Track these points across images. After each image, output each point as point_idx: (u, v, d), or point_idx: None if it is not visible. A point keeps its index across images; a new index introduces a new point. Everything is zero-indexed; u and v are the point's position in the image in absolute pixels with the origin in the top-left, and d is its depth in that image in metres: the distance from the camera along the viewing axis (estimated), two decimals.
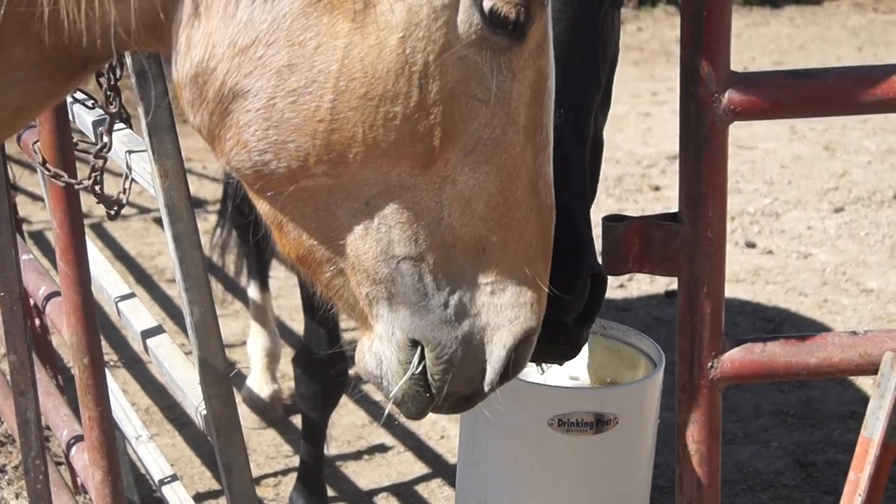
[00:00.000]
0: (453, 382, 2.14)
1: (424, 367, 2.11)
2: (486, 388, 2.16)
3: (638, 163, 9.91)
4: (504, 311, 2.10)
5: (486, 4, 1.89)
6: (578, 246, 2.50)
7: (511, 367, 2.15)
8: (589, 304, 2.55)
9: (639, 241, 2.21)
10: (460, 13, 1.90)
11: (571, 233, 2.42)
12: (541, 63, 2.02)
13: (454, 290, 2.07)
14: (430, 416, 6.30)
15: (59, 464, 5.14)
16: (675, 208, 2.22)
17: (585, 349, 2.88)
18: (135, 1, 1.91)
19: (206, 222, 8.53)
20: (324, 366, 4.66)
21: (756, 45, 14.11)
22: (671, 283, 7.45)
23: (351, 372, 4.85)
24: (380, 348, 2.14)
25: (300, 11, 1.87)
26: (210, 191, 9.17)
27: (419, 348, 2.11)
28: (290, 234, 2.08)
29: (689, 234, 2.18)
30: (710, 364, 2.24)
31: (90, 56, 2.01)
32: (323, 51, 1.88)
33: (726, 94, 2.11)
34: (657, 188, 9.37)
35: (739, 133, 10.06)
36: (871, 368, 2.22)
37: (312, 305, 4.59)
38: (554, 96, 2.09)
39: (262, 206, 2.09)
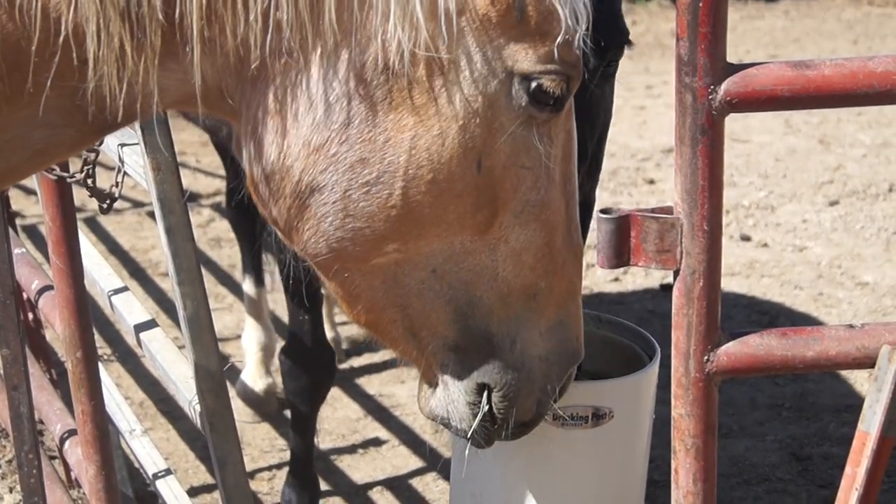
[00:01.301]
0: (516, 414, 2.41)
1: (490, 405, 2.38)
2: (544, 414, 2.50)
3: (633, 156, 9.90)
4: (556, 347, 2.38)
5: (533, 85, 2.11)
6: None
7: (560, 393, 2.48)
8: None
9: (634, 234, 2.20)
10: (510, 97, 2.11)
11: None
12: (569, 125, 2.27)
13: (513, 335, 2.32)
14: None
15: (52, 458, 5.12)
16: (669, 201, 2.21)
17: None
18: (198, 79, 2.01)
19: (200, 216, 8.52)
20: (312, 358, 4.65)
21: (751, 38, 14.09)
22: (666, 277, 7.44)
23: (343, 366, 4.84)
24: (447, 394, 2.40)
25: (369, 111, 2.04)
26: (203, 184, 9.15)
27: (486, 391, 2.37)
28: (360, 305, 2.30)
29: (685, 227, 2.16)
30: (706, 357, 2.22)
31: (127, 118, 2.08)
32: (392, 144, 2.07)
33: (722, 86, 2.10)
34: (652, 181, 9.36)
35: (734, 126, 10.05)
36: (869, 362, 2.21)
37: (296, 295, 4.56)
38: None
39: (335, 283, 2.28)
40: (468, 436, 2.43)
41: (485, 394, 2.37)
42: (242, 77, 2.06)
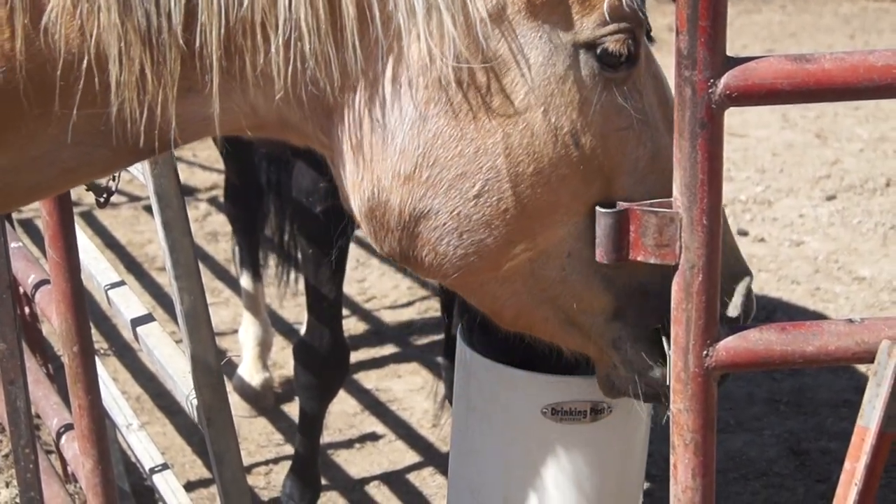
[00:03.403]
0: None
1: None
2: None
3: None
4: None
5: (599, 51, 2.08)
6: None
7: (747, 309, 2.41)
8: None
9: (633, 228, 2.19)
10: (581, 69, 2.09)
11: None
12: (653, 70, 2.25)
13: (665, 271, 2.21)
14: (421, 404, 6.29)
15: (49, 452, 5.11)
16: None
17: None
18: (216, 114, 2.01)
19: (197, 210, 8.51)
20: (323, 356, 4.64)
21: (747, 32, 14.09)
22: None
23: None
24: (632, 364, 2.33)
25: (448, 127, 2.03)
26: (200, 178, 9.14)
27: (664, 334, 2.28)
28: (510, 312, 2.27)
29: (684, 222, 2.16)
30: (705, 352, 2.22)
31: (149, 145, 2.06)
32: (483, 152, 2.05)
33: (722, 80, 2.09)
34: None
35: (731, 121, 10.04)
36: (868, 357, 2.20)
37: (317, 303, 4.58)
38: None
39: (476, 298, 2.27)
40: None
41: (664, 338, 2.31)
42: (312, 111, 2.06)
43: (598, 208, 2.22)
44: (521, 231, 2.13)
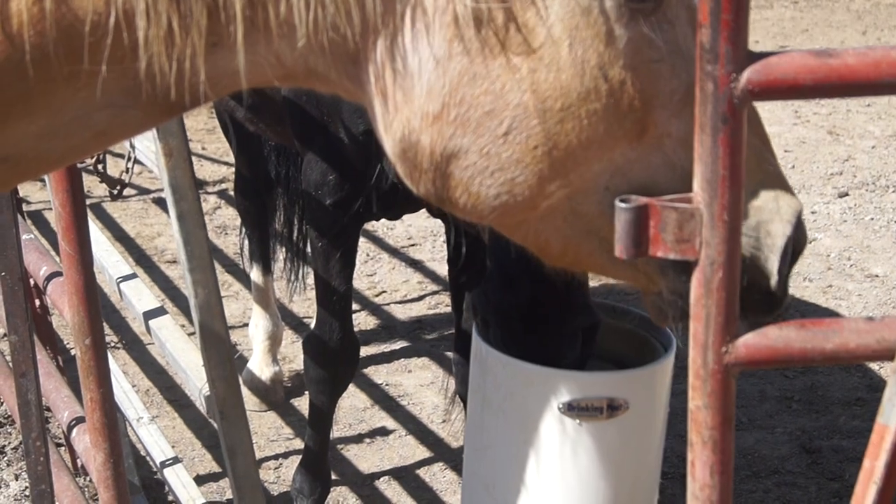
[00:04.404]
0: (781, 260, 2.26)
1: None
2: (777, 276, 2.31)
3: None
4: (768, 205, 2.26)
5: None
6: (566, 306, 2.72)
7: (795, 248, 2.31)
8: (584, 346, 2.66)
9: (653, 223, 2.17)
10: (605, 0, 2.03)
11: (559, 293, 2.50)
12: (688, 1, 2.17)
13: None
14: (432, 399, 6.28)
15: (59, 445, 5.11)
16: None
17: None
18: (242, 66, 2.00)
19: (206, 203, 8.49)
20: (333, 351, 4.63)
21: (759, 28, 14.06)
22: None
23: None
24: (677, 290, 2.26)
25: (472, 65, 2.00)
26: (209, 172, 9.13)
27: None
28: (555, 249, 2.22)
29: (704, 217, 2.14)
30: (724, 349, 2.20)
31: (181, 99, 2.06)
32: (510, 88, 2.01)
33: (745, 74, 2.07)
34: None
35: None
36: (888, 355, 2.18)
37: (327, 297, 4.56)
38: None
39: (519, 237, 2.23)
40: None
41: None
42: (336, 58, 2.04)
43: (616, 203, 2.20)
44: (553, 168, 2.09)
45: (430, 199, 2.19)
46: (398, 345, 6.69)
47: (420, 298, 7.22)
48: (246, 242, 6.29)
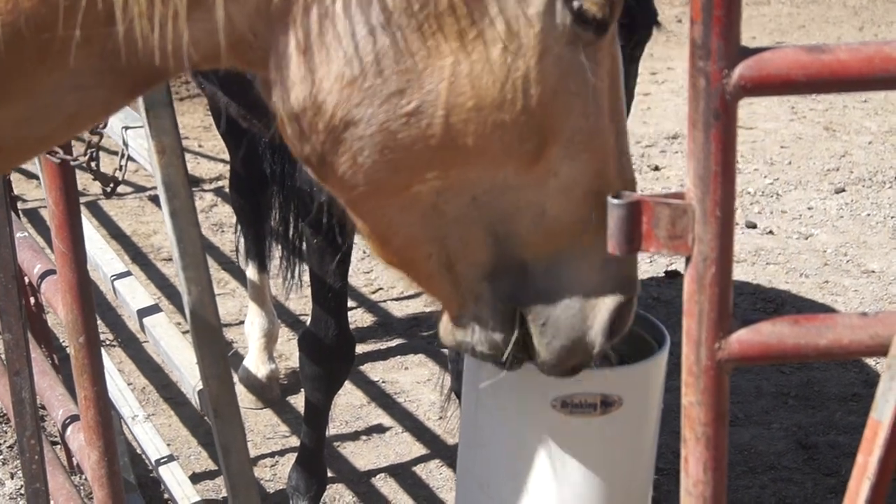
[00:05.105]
0: (560, 352, 2.32)
1: (527, 332, 2.30)
2: (595, 350, 2.35)
3: (637, 142, 9.86)
4: (604, 278, 2.27)
5: (576, 5, 2.01)
6: None
7: (616, 328, 2.34)
8: None
9: (646, 219, 2.16)
10: (553, 16, 2.02)
11: None
12: (614, 51, 2.17)
13: (556, 267, 2.23)
14: (428, 396, 6.28)
15: (54, 444, 5.11)
16: (674, 188, 2.18)
17: None
18: (221, 23, 1.97)
19: (202, 201, 8.49)
20: (329, 348, 4.62)
21: (756, 24, 14.05)
22: (671, 264, 7.41)
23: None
24: (479, 323, 2.30)
25: (404, 40, 1.97)
26: (206, 169, 9.12)
27: (521, 319, 2.29)
28: (397, 242, 2.22)
29: (697, 213, 2.13)
30: (717, 345, 2.19)
31: (158, 74, 2.05)
32: (430, 72, 1.99)
33: (737, 70, 2.07)
34: (657, 168, 9.33)
35: (739, 113, 9.91)
36: (882, 350, 2.17)
37: (322, 294, 4.56)
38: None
39: (369, 221, 2.21)
40: (504, 365, 2.36)
41: (517, 320, 2.30)
42: (270, 18, 2.00)
43: (609, 199, 2.20)
44: (439, 160, 2.07)
45: (307, 162, 2.15)
46: (394, 342, 6.69)
47: (416, 295, 7.22)
48: (242, 240, 6.29)
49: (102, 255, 3.97)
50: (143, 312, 3.60)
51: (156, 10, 1.92)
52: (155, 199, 8.19)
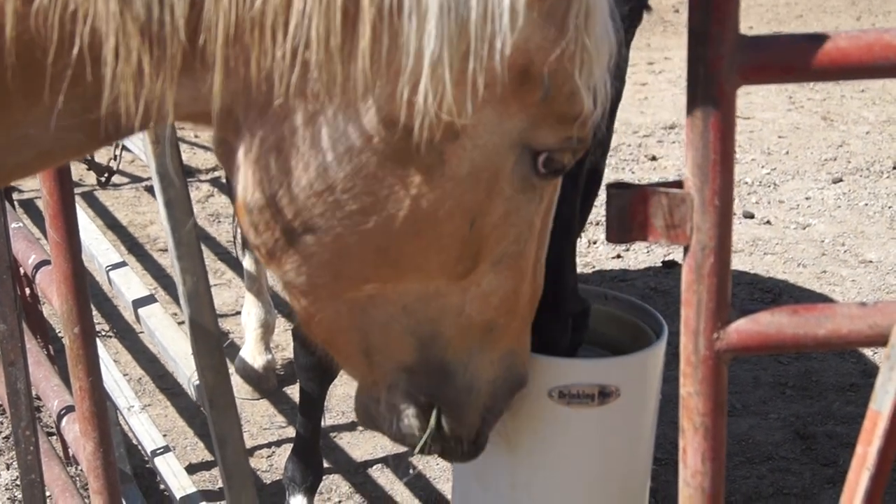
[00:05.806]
0: (463, 430, 2.54)
1: (439, 422, 2.50)
2: (489, 432, 2.59)
3: (634, 132, 9.85)
4: (505, 373, 2.48)
5: (543, 157, 2.11)
6: (557, 292, 2.78)
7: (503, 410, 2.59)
8: (575, 332, 2.85)
9: (644, 209, 2.15)
10: (516, 166, 2.11)
11: (551, 277, 2.62)
12: (556, 181, 2.27)
13: (466, 362, 2.41)
14: None
15: (49, 434, 5.09)
16: (672, 178, 2.17)
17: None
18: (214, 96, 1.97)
19: (198, 191, 8.47)
20: None
21: (753, 14, 14.03)
22: (668, 254, 7.40)
23: None
24: (394, 409, 2.50)
25: (378, 165, 2.01)
26: (202, 159, 9.10)
27: (435, 409, 2.49)
28: (321, 325, 2.34)
29: (695, 202, 2.12)
30: (715, 335, 2.18)
31: (136, 129, 2.04)
32: (394, 199, 2.05)
33: (735, 58, 2.05)
34: (654, 158, 9.32)
35: (737, 103, 9.99)
36: (881, 340, 2.16)
37: None
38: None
39: (300, 303, 2.30)
40: (416, 450, 2.54)
41: (434, 412, 2.48)
42: (255, 103, 1.99)
43: (607, 188, 2.18)
44: (380, 275, 2.17)
45: (256, 250, 2.20)
46: None
47: None
48: (238, 230, 6.27)
49: (98, 246, 3.95)
50: (139, 303, 3.58)
51: (144, 87, 1.89)
52: (150, 190, 8.16)
